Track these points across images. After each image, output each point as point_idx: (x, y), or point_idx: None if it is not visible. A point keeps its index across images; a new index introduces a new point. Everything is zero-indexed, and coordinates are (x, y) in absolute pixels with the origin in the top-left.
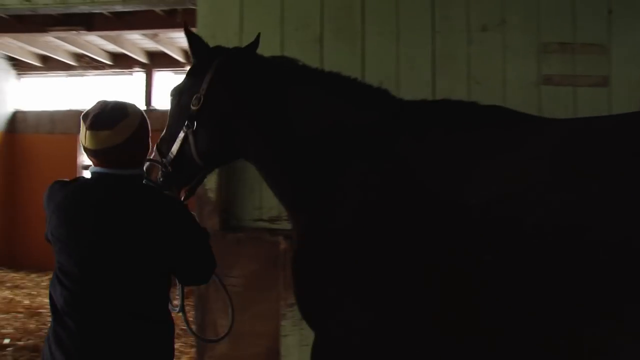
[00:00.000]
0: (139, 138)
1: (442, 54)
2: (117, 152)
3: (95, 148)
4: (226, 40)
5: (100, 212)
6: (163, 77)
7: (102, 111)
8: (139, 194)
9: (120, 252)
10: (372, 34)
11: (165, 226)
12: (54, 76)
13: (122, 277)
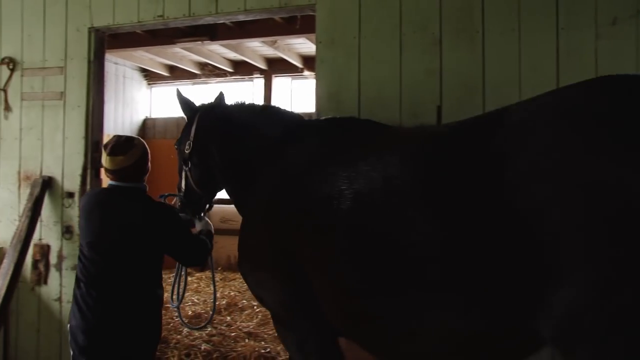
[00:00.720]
0: (141, 162)
1: (566, 51)
2: (126, 171)
3: (113, 168)
4: (345, 45)
5: (108, 210)
6: (281, 83)
7: (117, 143)
8: (138, 199)
9: (121, 238)
10: (492, 34)
11: (156, 220)
12: (180, 84)
13: (123, 257)
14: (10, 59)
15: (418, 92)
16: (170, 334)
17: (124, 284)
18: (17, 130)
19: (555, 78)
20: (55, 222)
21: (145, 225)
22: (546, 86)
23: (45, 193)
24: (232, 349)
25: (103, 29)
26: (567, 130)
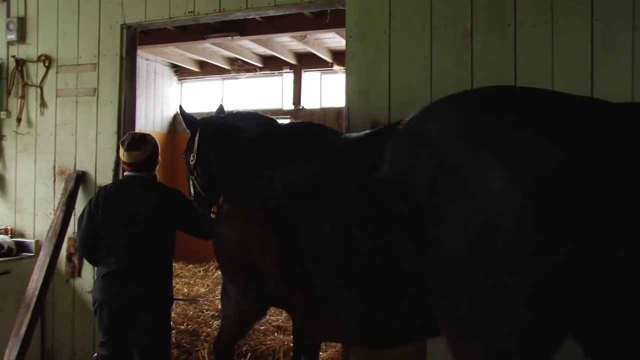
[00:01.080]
0: (153, 156)
1: (601, 43)
2: (142, 163)
3: (130, 162)
4: (375, 39)
5: (129, 196)
6: (311, 78)
7: (133, 140)
8: (155, 185)
9: (148, 217)
10: (524, 27)
11: (172, 201)
12: (210, 80)
13: (150, 232)
14: (46, 57)
15: (448, 86)
16: (200, 327)
17: (150, 255)
18: (52, 126)
19: (590, 71)
20: None
21: (164, 205)
22: (580, 79)
23: (79, 187)
24: (261, 342)
25: (135, 26)
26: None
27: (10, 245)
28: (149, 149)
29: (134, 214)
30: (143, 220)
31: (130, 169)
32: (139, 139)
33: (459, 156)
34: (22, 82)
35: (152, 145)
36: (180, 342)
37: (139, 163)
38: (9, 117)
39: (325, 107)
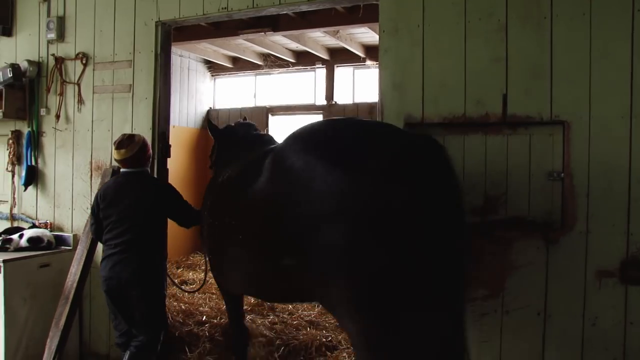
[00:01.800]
0: (141, 152)
1: None
2: (129, 159)
3: (118, 158)
4: (409, 33)
5: (124, 190)
6: (344, 73)
7: (121, 140)
8: (144, 179)
9: (136, 207)
10: (561, 19)
11: (160, 193)
12: (243, 76)
13: (139, 221)
14: (83, 54)
15: (483, 80)
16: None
17: (143, 240)
18: (89, 122)
19: (629, 64)
20: None
21: (155, 196)
22: (618, 72)
23: None
24: (293, 337)
25: (169, 22)
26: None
27: (50, 238)
28: (135, 147)
29: (128, 205)
30: (136, 210)
31: (122, 165)
32: (127, 139)
33: (299, 180)
34: (61, 79)
35: (139, 143)
36: (213, 336)
37: (127, 159)
38: (49, 113)
39: (358, 103)
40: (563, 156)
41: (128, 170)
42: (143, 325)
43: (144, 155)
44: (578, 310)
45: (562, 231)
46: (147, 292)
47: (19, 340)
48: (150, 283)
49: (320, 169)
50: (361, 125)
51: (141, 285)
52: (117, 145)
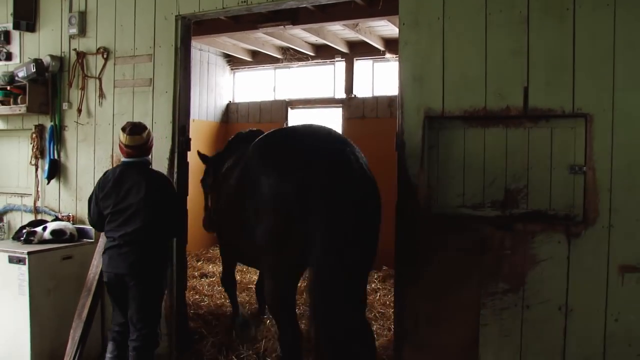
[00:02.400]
0: (150, 141)
1: None
2: (142, 147)
3: (132, 144)
4: (429, 26)
5: (124, 181)
6: (363, 66)
7: (134, 125)
8: (146, 170)
9: (136, 199)
10: (584, 10)
11: (159, 184)
12: (262, 69)
13: (139, 213)
14: (104, 49)
15: (504, 73)
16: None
17: (141, 233)
18: (110, 116)
19: None
20: None
21: (154, 189)
22: None
23: None
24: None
25: (189, 16)
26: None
27: (72, 231)
28: (149, 135)
29: (126, 196)
30: (135, 201)
31: (132, 152)
32: (139, 125)
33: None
34: (82, 74)
35: (148, 131)
36: (229, 327)
37: (138, 146)
38: (71, 108)
39: (377, 96)
40: (585, 149)
41: (130, 160)
42: (139, 319)
43: (150, 145)
44: (600, 306)
45: (584, 225)
46: (145, 285)
47: (44, 330)
48: (148, 276)
49: (263, 176)
50: (295, 142)
51: (138, 278)
52: (131, 131)
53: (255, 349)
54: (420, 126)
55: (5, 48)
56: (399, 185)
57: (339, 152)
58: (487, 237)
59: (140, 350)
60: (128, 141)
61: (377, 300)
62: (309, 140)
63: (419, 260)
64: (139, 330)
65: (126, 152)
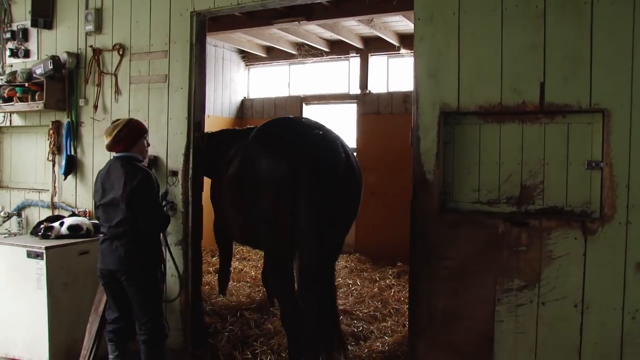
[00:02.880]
0: (123, 136)
1: None
2: (112, 143)
3: (106, 141)
4: (444, 21)
5: (113, 172)
6: (378, 62)
7: (110, 125)
8: (128, 164)
9: (117, 194)
10: (602, 4)
11: (138, 178)
12: (277, 65)
13: (120, 204)
14: (120, 45)
15: (520, 68)
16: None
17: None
18: (126, 112)
19: None
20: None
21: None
22: None
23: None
24: None
25: (204, 13)
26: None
27: (88, 226)
28: (122, 131)
29: (110, 191)
30: (117, 197)
31: (108, 147)
32: (115, 121)
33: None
34: (99, 70)
35: (123, 128)
36: (244, 321)
37: (111, 142)
38: (87, 104)
39: (392, 91)
40: (602, 145)
41: (116, 154)
42: (141, 314)
43: (126, 140)
44: (617, 303)
45: (600, 222)
46: (136, 280)
47: (61, 323)
48: (137, 270)
49: (263, 158)
50: (289, 130)
51: (128, 273)
52: (106, 128)
53: (270, 345)
54: (435, 122)
55: (24, 45)
56: (414, 181)
57: (327, 139)
58: (503, 233)
59: (149, 343)
60: (104, 137)
61: (391, 296)
62: (300, 128)
63: (433, 256)
64: (144, 324)
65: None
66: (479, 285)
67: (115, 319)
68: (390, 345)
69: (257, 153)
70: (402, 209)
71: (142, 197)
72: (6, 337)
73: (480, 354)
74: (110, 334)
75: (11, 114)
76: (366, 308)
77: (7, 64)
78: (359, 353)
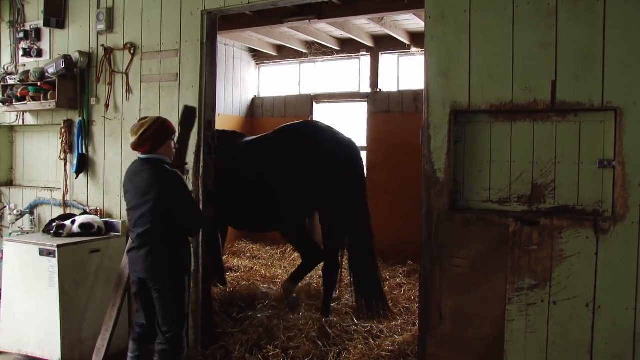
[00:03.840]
0: (145, 137)
1: None
2: (135, 145)
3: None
4: (455, 19)
5: (139, 175)
6: (388, 60)
7: (135, 124)
8: (154, 167)
9: (143, 198)
10: (615, 0)
11: (168, 182)
12: (287, 64)
13: (146, 209)
14: (131, 44)
15: (531, 67)
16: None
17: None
18: (137, 111)
19: None
20: None
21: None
22: None
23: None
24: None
25: (215, 12)
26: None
27: (100, 225)
28: (146, 132)
29: (135, 194)
30: (143, 201)
31: (132, 148)
32: (140, 120)
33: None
34: (110, 69)
35: (147, 129)
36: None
37: (134, 143)
38: (98, 103)
39: (402, 90)
40: (615, 144)
41: (142, 156)
42: (163, 322)
43: (149, 142)
44: (629, 303)
45: (613, 221)
46: (163, 289)
47: (73, 321)
48: (165, 279)
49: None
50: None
51: (156, 282)
52: (131, 129)
53: (283, 348)
54: (446, 120)
55: (36, 45)
56: (425, 179)
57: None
58: (514, 232)
59: (164, 353)
60: (130, 135)
61: (402, 295)
62: (327, 129)
63: (444, 255)
64: (164, 333)
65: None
66: (490, 284)
67: (142, 325)
68: (401, 344)
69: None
70: (412, 207)
71: (178, 200)
72: (19, 333)
73: (490, 353)
74: (135, 335)
75: (24, 113)
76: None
77: (20, 63)
78: (369, 352)
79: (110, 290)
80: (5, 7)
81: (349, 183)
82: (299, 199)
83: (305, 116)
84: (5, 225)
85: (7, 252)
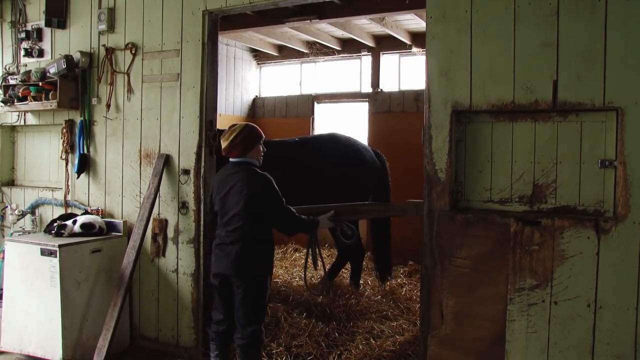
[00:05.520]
0: (236, 142)
1: None
2: (226, 149)
3: (222, 145)
4: (456, 19)
5: (230, 177)
6: (389, 60)
7: (227, 129)
8: (245, 169)
9: (233, 198)
10: (617, 0)
11: (259, 184)
12: (288, 64)
13: (238, 209)
14: (132, 44)
15: (533, 66)
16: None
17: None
18: (138, 111)
19: None
20: (172, 197)
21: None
22: None
23: (164, 170)
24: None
25: (216, 12)
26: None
27: (101, 225)
28: (236, 136)
29: (226, 195)
30: (233, 201)
31: (223, 151)
32: (232, 125)
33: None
34: (111, 69)
35: (238, 133)
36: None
37: (226, 147)
38: (100, 103)
39: (403, 90)
40: (616, 144)
41: (233, 159)
42: (245, 318)
43: (241, 146)
44: (631, 303)
45: (614, 221)
46: (248, 285)
47: (74, 320)
48: (250, 276)
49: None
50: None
51: (242, 278)
52: (222, 134)
53: (286, 346)
54: (447, 120)
55: (38, 45)
56: (426, 179)
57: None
58: (515, 232)
59: (246, 347)
60: (222, 142)
61: (402, 295)
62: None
63: (445, 255)
64: (245, 327)
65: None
66: (491, 284)
67: (220, 321)
68: (402, 344)
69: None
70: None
71: (270, 201)
72: (20, 333)
73: (491, 353)
74: (213, 334)
75: (25, 113)
76: (377, 307)
77: (21, 63)
78: (370, 352)
79: (112, 290)
80: (7, 7)
81: (387, 184)
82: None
83: (307, 116)
84: (7, 225)
85: (8, 252)
